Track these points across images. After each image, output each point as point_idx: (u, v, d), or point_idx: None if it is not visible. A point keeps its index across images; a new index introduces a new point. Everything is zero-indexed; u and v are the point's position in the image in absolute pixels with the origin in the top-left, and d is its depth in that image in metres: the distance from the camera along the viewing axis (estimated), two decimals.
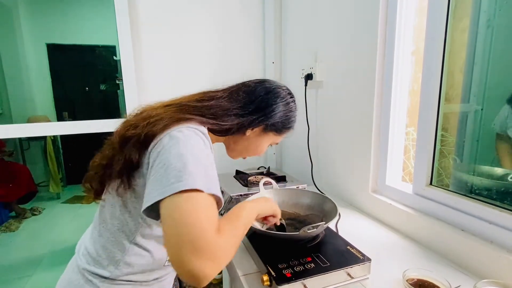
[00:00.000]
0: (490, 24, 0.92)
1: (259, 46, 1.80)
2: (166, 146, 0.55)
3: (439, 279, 0.67)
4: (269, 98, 0.74)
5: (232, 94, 0.74)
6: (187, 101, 0.69)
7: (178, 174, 0.49)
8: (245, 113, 0.71)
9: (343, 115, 1.27)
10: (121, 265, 0.65)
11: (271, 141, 0.81)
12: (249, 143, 0.78)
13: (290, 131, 0.82)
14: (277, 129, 0.78)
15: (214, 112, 0.68)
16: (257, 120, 0.73)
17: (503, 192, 0.84)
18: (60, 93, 4.09)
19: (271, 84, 0.77)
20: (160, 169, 0.52)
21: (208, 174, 0.53)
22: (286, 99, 0.77)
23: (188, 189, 0.47)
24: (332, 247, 0.81)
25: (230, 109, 0.70)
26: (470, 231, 0.80)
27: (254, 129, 0.75)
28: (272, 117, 0.74)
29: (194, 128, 0.60)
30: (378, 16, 1.03)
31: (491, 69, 0.94)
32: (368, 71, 1.09)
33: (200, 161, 0.53)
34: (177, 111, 0.64)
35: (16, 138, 3.62)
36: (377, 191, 1.14)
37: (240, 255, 0.88)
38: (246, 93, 0.74)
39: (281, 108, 0.75)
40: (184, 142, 0.55)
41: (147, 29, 1.57)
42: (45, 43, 3.87)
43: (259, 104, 0.73)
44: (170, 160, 0.52)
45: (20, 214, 3.13)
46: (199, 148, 0.56)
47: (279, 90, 0.77)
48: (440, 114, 0.91)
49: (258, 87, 0.75)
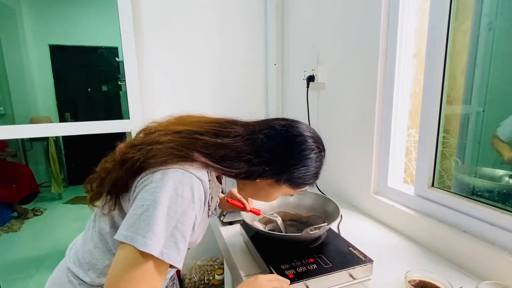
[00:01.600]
0: (492, 27, 0.93)
1: (261, 48, 1.81)
2: (153, 184, 0.53)
3: (441, 280, 0.68)
4: (290, 150, 0.63)
5: (252, 134, 0.64)
6: (201, 131, 0.62)
7: (145, 228, 0.49)
8: (258, 162, 0.62)
9: (345, 117, 1.27)
10: (102, 275, 0.64)
11: (285, 193, 0.72)
12: (258, 190, 0.70)
13: (310, 186, 0.71)
14: (292, 184, 0.67)
15: (224, 154, 0.60)
16: (270, 172, 0.63)
17: (504, 194, 0.84)
18: (62, 94, 4.10)
19: (298, 131, 0.65)
20: (135, 207, 0.52)
21: (174, 235, 0.51)
22: (314, 152, 0.65)
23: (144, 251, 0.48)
24: (334, 248, 0.81)
25: (243, 153, 0.61)
26: (471, 233, 0.81)
27: (265, 180, 0.66)
28: (289, 171, 0.64)
29: (192, 175, 0.55)
30: (380, 19, 1.03)
31: (492, 71, 0.94)
32: (370, 73, 1.10)
33: (174, 218, 0.51)
34: (184, 146, 0.58)
35: (19, 139, 3.64)
36: (378, 193, 1.15)
37: (242, 256, 0.88)
38: (267, 137, 0.64)
39: (304, 162, 0.64)
40: (170, 189, 0.52)
41: (150, 30, 1.58)
42: (48, 44, 3.88)
43: (277, 155, 0.63)
44: (147, 204, 0.51)
45: (22, 215, 3.14)
46: (182, 201, 0.52)
47: (305, 140, 0.64)
48: (441, 116, 0.91)
49: (283, 132, 0.64)
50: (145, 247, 0.48)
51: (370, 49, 1.09)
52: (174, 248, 0.51)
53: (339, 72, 1.29)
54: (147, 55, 1.59)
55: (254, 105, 1.85)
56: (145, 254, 0.48)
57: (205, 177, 0.58)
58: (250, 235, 0.90)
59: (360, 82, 1.16)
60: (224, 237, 1.02)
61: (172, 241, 0.51)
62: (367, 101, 1.13)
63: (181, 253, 0.52)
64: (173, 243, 0.51)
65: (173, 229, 0.51)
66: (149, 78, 1.61)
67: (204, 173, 0.58)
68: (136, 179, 0.57)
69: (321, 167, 0.69)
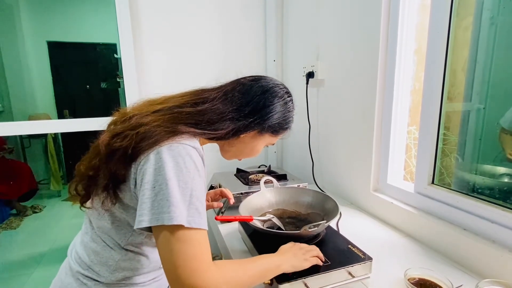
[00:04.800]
0: (494, 22, 0.91)
1: (260, 44, 1.80)
2: (155, 166, 0.53)
3: (441, 278, 0.67)
4: (265, 98, 0.69)
5: (227, 94, 0.68)
6: (179, 104, 0.64)
7: (165, 204, 0.51)
8: (240, 117, 0.66)
9: (345, 114, 1.26)
10: (116, 270, 0.64)
11: (267, 142, 0.77)
12: (244, 146, 0.74)
13: (287, 132, 0.78)
14: (274, 131, 0.73)
15: (209, 119, 0.63)
16: (253, 123, 0.68)
17: (505, 191, 0.84)
18: (61, 91, 4.08)
19: (267, 82, 0.72)
20: (147, 191, 0.53)
21: (192, 202, 0.54)
22: (284, 99, 0.72)
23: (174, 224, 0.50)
24: (333, 246, 0.81)
25: (225, 113, 0.65)
26: (472, 230, 0.80)
27: (250, 132, 0.70)
28: (269, 119, 0.69)
29: (186, 145, 0.57)
30: (381, 14, 1.02)
31: (494, 68, 0.93)
32: (370, 70, 1.09)
33: (186, 188, 0.53)
34: (169, 121, 0.59)
35: (17, 136, 3.62)
36: (378, 190, 1.14)
37: (240, 253, 0.88)
38: (241, 93, 0.68)
39: (278, 108, 0.70)
40: (173, 164, 0.53)
41: (148, 27, 1.57)
42: (46, 41, 3.86)
43: (256, 105, 0.68)
44: (158, 183, 0.52)
45: (21, 212, 3.14)
46: (188, 171, 0.54)
47: (276, 89, 0.71)
48: (442, 112, 0.90)
49: (254, 86, 0.70)
50: (173, 220, 0.50)
51: (370, 45, 1.08)
52: (197, 214, 0.53)
53: (339, 69, 1.28)
54: (145, 52, 1.58)
55: None
56: (176, 228, 0.51)
57: (198, 145, 0.60)
58: (249, 233, 0.89)
59: (360, 78, 1.15)
60: (222, 234, 1.01)
61: (193, 208, 0.53)
62: (367, 98, 1.12)
63: (203, 216, 0.55)
64: (195, 209, 0.53)
65: (190, 198, 0.53)
66: (147, 75, 1.60)
67: (196, 141, 0.60)
68: (133, 166, 0.57)
69: (293, 111, 0.76)
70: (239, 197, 1.15)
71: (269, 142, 0.77)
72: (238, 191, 1.18)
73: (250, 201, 0.98)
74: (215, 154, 1.91)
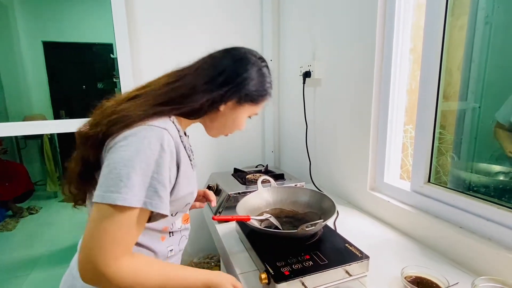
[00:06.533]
0: (488, 21, 0.92)
1: (257, 44, 1.80)
2: (118, 145, 0.54)
3: (437, 276, 0.68)
4: (238, 67, 0.67)
5: (198, 69, 0.68)
6: (154, 88, 0.65)
7: (118, 184, 0.51)
8: (214, 88, 0.65)
9: (341, 113, 1.27)
10: None
11: (249, 113, 0.75)
12: (226, 119, 0.73)
13: (267, 99, 0.75)
14: (252, 99, 0.71)
15: (182, 94, 0.63)
16: (229, 93, 0.67)
17: (501, 189, 0.84)
18: (57, 92, 4.05)
19: (239, 51, 0.70)
20: (105, 168, 0.53)
21: (153, 186, 0.54)
22: (257, 65, 0.70)
23: (120, 205, 0.50)
24: (330, 245, 0.81)
25: (198, 86, 0.64)
26: (468, 228, 0.81)
27: (228, 103, 0.69)
28: (244, 86, 0.68)
29: (155, 127, 0.56)
30: (377, 14, 1.03)
31: (489, 67, 0.94)
32: (367, 69, 1.09)
33: (148, 170, 0.53)
34: (141, 106, 0.60)
35: (13, 137, 3.60)
36: (375, 189, 1.14)
37: (238, 253, 0.88)
38: (213, 65, 0.68)
39: (253, 75, 0.69)
40: (137, 146, 0.53)
41: (144, 26, 1.56)
42: (41, 41, 3.83)
43: (229, 75, 0.66)
44: (117, 162, 0.52)
45: (17, 213, 3.11)
46: (152, 153, 0.54)
47: (248, 56, 0.70)
48: (438, 111, 0.91)
49: (226, 56, 0.69)
50: (119, 200, 0.50)
51: (367, 45, 1.08)
52: (156, 197, 0.54)
53: (336, 68, 1.28)
54: (141, 52, 1.57)
55: None
56: (119, 207, 0.51)
57: (169, 125, 0.59)
58: (246, 232, 0.89)
59: (356, 77, 1.16)
60: (219, 234, 1.01)
61: (152, 190, 0.54)
62: (363, 97, 1.12)
63: (164, 200, 0.55)
64: (153, 192, 0.54)
65: (150, 180, 0.53)
66: (143, 75, 1.59)
67: (167, 121, 0.60)
68: (103, 150, 0.58)
69: (270, 77, 0.74)
70: (237, 197, 1.15)
71: (251, 112, 0.75)
72: (236, 190, 1.18)
73: (248, 201, 0.98)
74: (212, 155, 1.91)
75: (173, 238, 0.73)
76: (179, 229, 0.75)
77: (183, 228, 0.77)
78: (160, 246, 0.69)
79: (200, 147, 1.75)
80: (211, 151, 1.80)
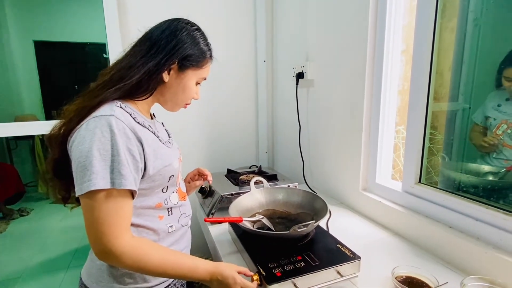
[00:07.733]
0: (477, 23, 0.93)
1: (251, 45, 1.80)
2: (75, 143, 0.60)
3: (427, 276, 0.68)
4: (167, 35, 0.70)
5: (134, 47, 0.72)
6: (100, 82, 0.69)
7: (86, 173, 0.57)
8: (150, 57, 0.68)
9: (334, 114, 1.27)
10: None
11: (196, 78, 0.77)
12: (175, 89, 0.75)
13: (209, 61, 0.78)
14: (193, 63, 0.73)
15: (120, 76, 0.67)
16: (163, 60, 0.69)
17: (489, 189, 0.86)
18: (48, 92, 4.01)
19: (166, 22, 0.73)
20: (73, 166, 0.60)
21: (115, 167, 0.58)
22: (186, 29, 0.72)
23: (94, 190, 0.56)
24: (322, 246, 0.81)
25: (135, 63, 0.68)
26: (457, 228, 0.82)
27: (170, 72, 0.72)
28: (178, 51, 0.70)
29: (102, 116, 0.61)
30: (369, 16, 1.03)
31: (478, 68, 0.95)
32: (359, 70, 1.10)
33: (107, 154, 0.58)
34: (88, 99, 0.65)
35: (3, 138, 3.54)
36: (367, 189, 1.15)
37: (230, 254, 0.88)
38: (145, 40, 0.71)
39: (184, 39, 0.71)
40: (91, 137, 0.58)
41: (137, 26, 1.54)
42: (32, 40, 3.78)
43: (159, 44, 0.69)
44: (79, 157, 0.58)
45: (8, 215, 3.06)
46: (106, 139, 0.58)
47: (175, 23, 0.72)
48: (429, 112, 0.92)
49: (155, 31, 0.72)
50: (92, 186, 0.56)
51: (359, 46, 1.09)
52: (119, 175, 0.58)
53: (328, 69, 1.29)
54: None
55: (244, 102, 1.84)
56: (95, 193, 0.57)
57: (115, 111, 0.62)
58: (238, 234, 0.89)
59: (349, 79, 1.16)
60: (212, 235, 1.01)
61: (116, 171, 0.58)
62: (355, 98, 1.13)
63: (127, 177, 0.59)
64: (117, 172, 0.58)
65: (111, 163, 0.58)
66: None
67: (112, 107, 0.63)
68: (68, 149, 0.64)
69: (206, 39, 0.77)
70: (230, 198, 1.14)
71: (198, 77, 0.77)
72: (229, 191, 1.17)
73: (240, 202, 0.98)
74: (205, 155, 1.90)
75: (172, 217, 0.76)
76: (177, 205, 0.77)
77: (181, 205, 0.79)
78: (158, 224, 0.72)
79: (193, 147, 1.74)
80: (204, 151, 1.79)
